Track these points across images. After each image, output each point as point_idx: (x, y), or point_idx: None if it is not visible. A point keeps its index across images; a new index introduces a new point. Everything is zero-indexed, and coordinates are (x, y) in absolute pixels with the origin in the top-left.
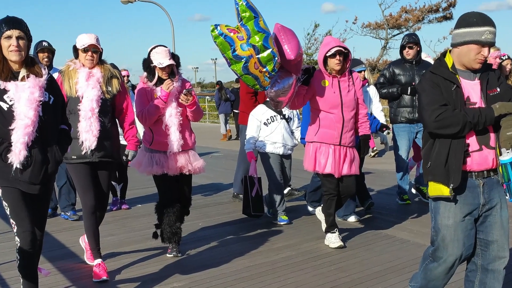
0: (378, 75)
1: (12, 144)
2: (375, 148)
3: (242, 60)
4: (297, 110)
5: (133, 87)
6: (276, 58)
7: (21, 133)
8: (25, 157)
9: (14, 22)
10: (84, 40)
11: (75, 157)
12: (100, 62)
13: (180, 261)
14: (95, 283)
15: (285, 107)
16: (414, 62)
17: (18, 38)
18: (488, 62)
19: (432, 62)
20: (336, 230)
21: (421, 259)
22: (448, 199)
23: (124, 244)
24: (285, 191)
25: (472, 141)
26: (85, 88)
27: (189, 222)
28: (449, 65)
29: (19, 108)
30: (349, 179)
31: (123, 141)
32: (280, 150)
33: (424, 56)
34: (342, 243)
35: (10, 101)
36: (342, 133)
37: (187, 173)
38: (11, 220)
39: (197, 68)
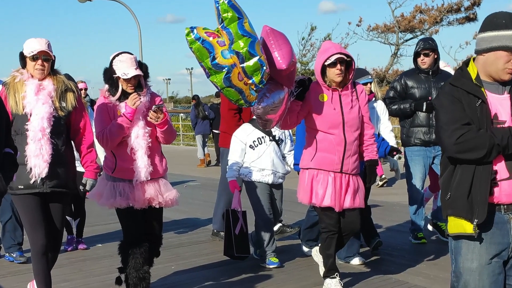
0: (387, 88)
1: None
2: (383, 176)
3: (224, 70)
4: (290, 131)
5: (92, 102)
6: (265, 68)
7: None
8: None
9: None
10: (33, 46)
11: (22, 186)
12: (53, 72)
13: None
14: None
15: (275, 127)
16: (430, 73)
17: None
18: None
19: (452, 72)
20: (336, 275)
21: None
22: (471, 237)
23: None
24: (275, 228)
25: (501, 168)
26: (34, 104)
27: (160, 265)
28: (473, 76)
29: None
30: (352, 214)
31: (80, 168)
32: (269, 179)
33: (442, 65)
34: None
35: None
36: (344, 158)
37: (157, 206)
38: None
39: (169, 79)
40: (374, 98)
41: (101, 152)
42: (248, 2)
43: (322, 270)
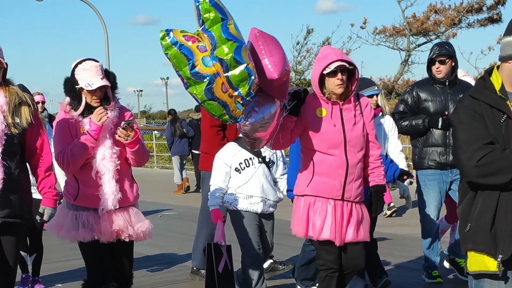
0: (396, 101)
1: None
2: (392, 204)
3: (205, 80)
4: (283, 151)
5: (51, 117)
6: (253, 77)
7: None
8: None
9: None
10: None
11: None
12: (4, 82)
13: None
14: None
15: (265, 147)
16: (447, 83)
17: None
18: None
19: (472, 82)
20: None
21: None
22: (495, 276)
23: None
24: (266, 265)
25: None
26: None
27: None
28: (497, 87)
29: None
30: (355, 249)
31: (36, 195)
32: (259, 207)
33: (461, 74)
34: None
35: None
36: (346, 183)
37: (127, 240)
38: None
39: (141, 91)
40: (381, 113)
41: (61, 176)
42: (234, 1)
43: None
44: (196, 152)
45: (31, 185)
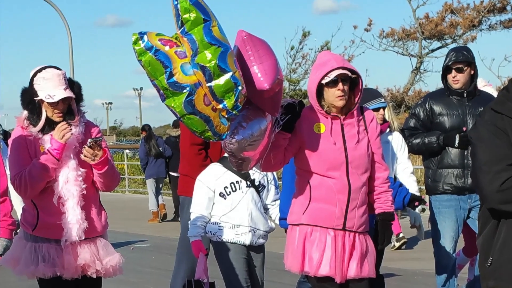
0: (406, 115)
1: None
2: (401, 235)
3: (184, 90)
4: (275, 173)
5: (6, 134)
6: (240, 88)
7: None
8: None
9: None
10: None
11: None
12: None
13: None
14: None
15: (254, 168)
16: (465, 94)
17: None
18: None
19: (494, 93)
20: None
21: None
22: None
23: None
24: None
25: None
26: None
27: None
28: None
29: None
30: (359, 286)
31: None
32: (247, 238)
33: (481, 84)
34: None
35: None
36: (348, 210)
37: (94, 276)
38: None
39: (111, 104)
40: (388, 129)
41: (18, 203)
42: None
43: None
44: (174, 174)
45: None
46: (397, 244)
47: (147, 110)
